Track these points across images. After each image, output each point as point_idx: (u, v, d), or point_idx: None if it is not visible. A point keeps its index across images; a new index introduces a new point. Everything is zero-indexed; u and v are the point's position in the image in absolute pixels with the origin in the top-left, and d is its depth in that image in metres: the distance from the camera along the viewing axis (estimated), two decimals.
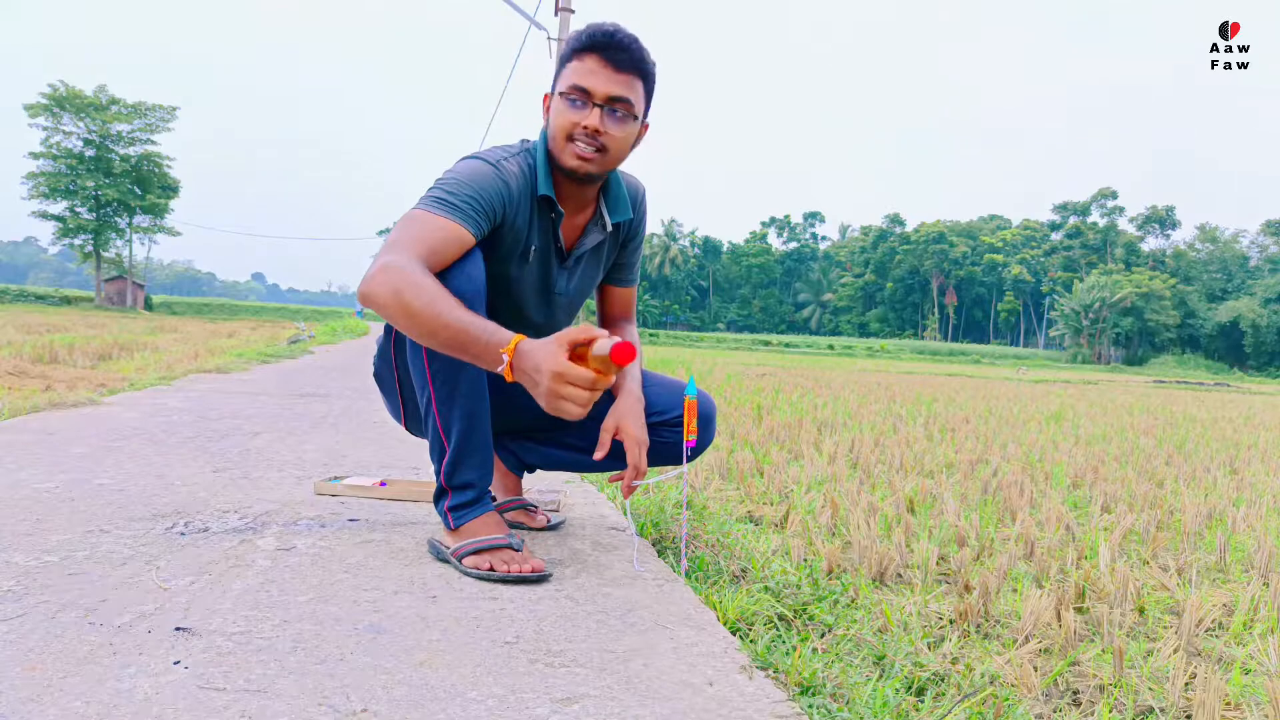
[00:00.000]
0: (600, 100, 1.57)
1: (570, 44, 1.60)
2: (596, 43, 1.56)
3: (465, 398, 1.58)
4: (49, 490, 2.07)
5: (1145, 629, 1.80)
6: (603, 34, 1.56)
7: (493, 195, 1.55)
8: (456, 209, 1.49)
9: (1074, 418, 7.27)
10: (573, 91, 1.57)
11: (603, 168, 1.62)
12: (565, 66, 1.60)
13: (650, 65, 1.63)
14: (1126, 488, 3.43)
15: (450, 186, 1.52)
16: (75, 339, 9.54)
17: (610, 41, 1.56)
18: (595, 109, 1.57)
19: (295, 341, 12.39)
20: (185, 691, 1.04)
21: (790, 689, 1.21)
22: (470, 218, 1.50)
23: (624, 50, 1.57)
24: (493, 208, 1.55)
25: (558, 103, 1.61)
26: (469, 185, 1.53)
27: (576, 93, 1.57)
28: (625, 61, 1.57)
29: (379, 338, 1.80)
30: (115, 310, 39.72)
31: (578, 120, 1.58)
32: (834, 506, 2.61)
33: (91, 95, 44.49)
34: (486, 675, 1.15)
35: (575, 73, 1.58)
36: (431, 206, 1.49)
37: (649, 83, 1.64)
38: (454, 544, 1.63)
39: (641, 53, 1.60)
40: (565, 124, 1.59)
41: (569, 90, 1.58)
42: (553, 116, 1.62)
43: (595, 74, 1.56)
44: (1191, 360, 55.08)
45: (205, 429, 3.31)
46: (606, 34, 1.56)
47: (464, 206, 1.50)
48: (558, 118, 1.60)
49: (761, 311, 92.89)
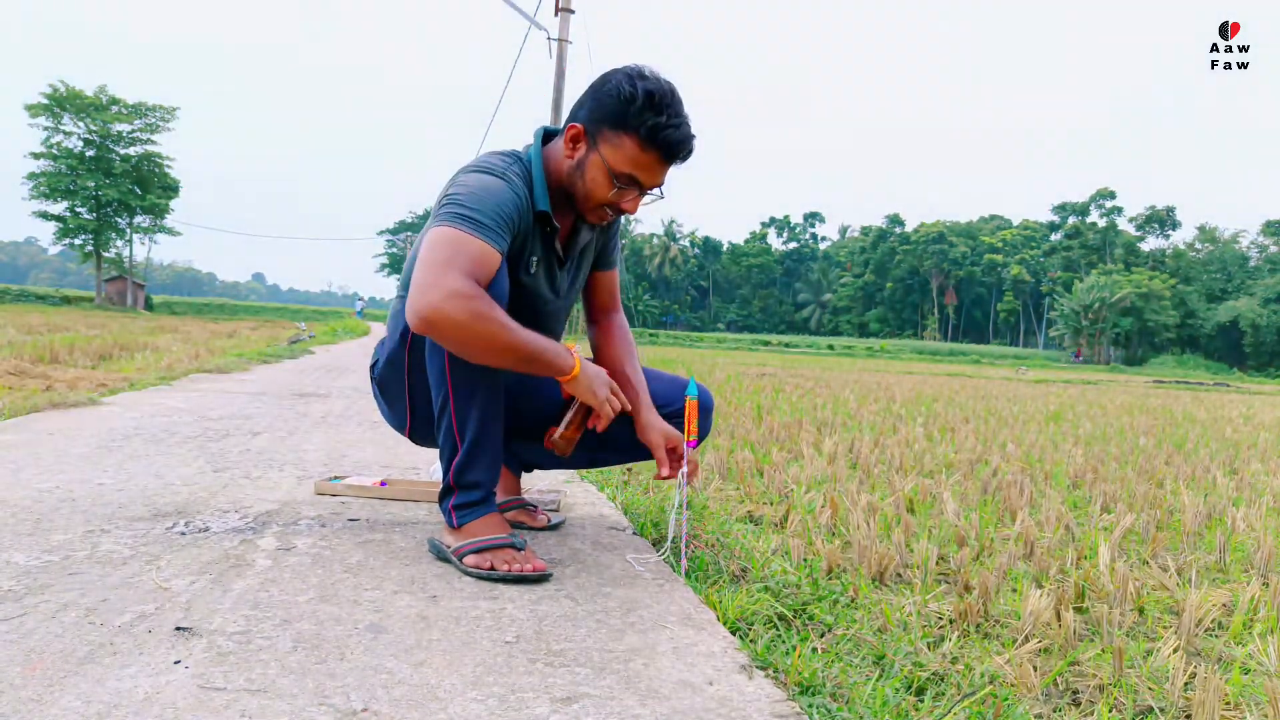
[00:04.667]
0: (646, 189, 1.62)
1: (637, 119, 1.54)
2: (669, 149, 1.56)
3: (482, 399, 1.59)
4: (49, 490, 2.07)
5: (1145, 629, 1.80)
6: (678, 142, 1.56)
7: (511, 210, 1.56)
8: (487, 229, 1.49)
9: (1074, 418, 7.27)
10: (625, 179, 1.59)
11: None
12: (622, 137, 1.56)
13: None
14: (1126, 488, 3.43)
15: (473, 204, 1.51)
16: (76, 339, 9.54)
17: (680, 151, 1.58)
18: (639, 195, 1.62)
19: (295, 341, 12.39)
20: (185, 691, 1.04)
21: (790, 689, 1.21)
22: (499, 236, 1.52)
23: (686, 156, 1.60)
24: (512, 222, 1.56)
25: (601, 174, 1.59)
26: (491, 202, 1.52)
27: (628, 181, 1.59)
28: (680, 161, 1.61)
29: (384, 345, 1.75)
30: (116, 310, 39.71)
31: (619, 201, 1.62)
32: (834, 506, 2.61)
33: (91, 95, 44.47)
34: (486, 675, 1.15)
35: (634, 162, 1.57)
36: (463, 226, 1.48)
37: None
38: (455, 543, 1.63)
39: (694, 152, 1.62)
40: (605, 198, 1.62)
41: (623, 177, 1.59)
42: (590, 180, 1.61)
43: (652, 171, 1.59)
44: (1191, 360, 55.03)
45: (205, 429, 3.32)
46: (680, 143, 1.57)
47: (492, 225, 1.50)
48: (598, 189, 1.61)
49: (761, 311, 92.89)
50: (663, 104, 1.54)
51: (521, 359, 1.50)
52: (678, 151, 1.58)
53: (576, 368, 1.58)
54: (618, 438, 1.79)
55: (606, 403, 1.63)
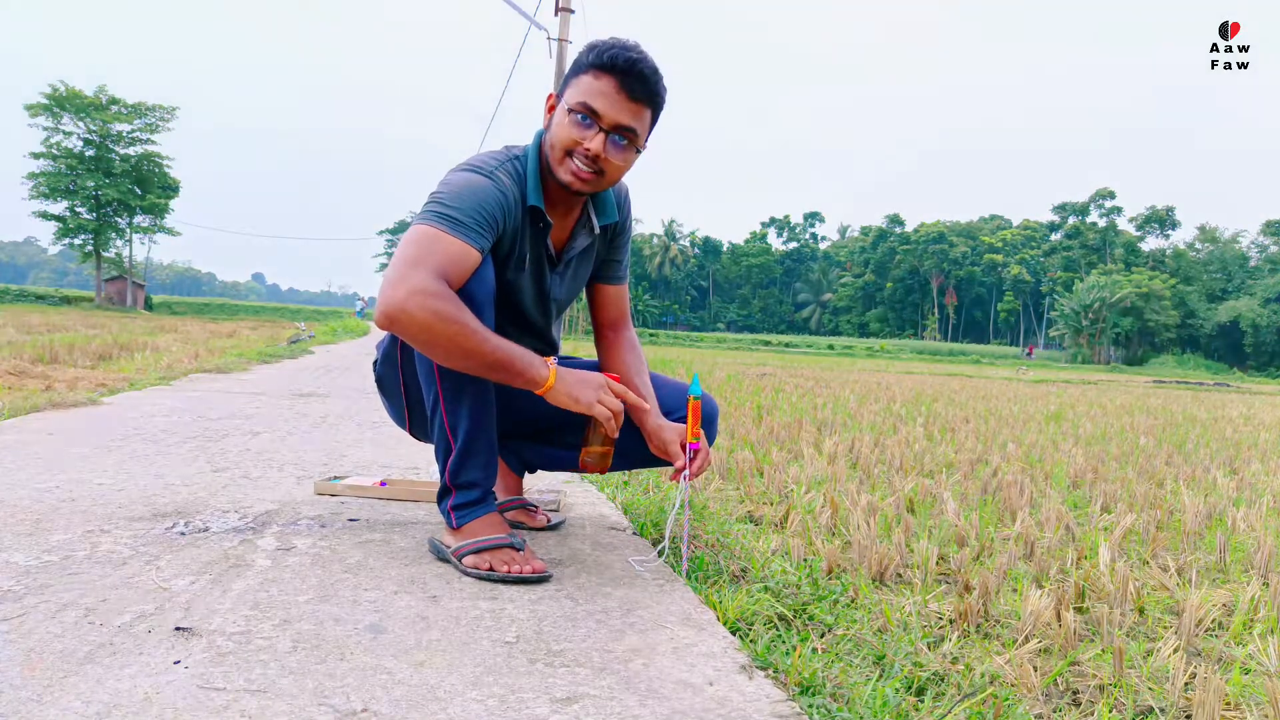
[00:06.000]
0: (608, 125, 1.55)
1: (590, 56, 1.55)
2: (618, 66, 1.53)
3: (472, 398, 1.58)
4: (49, 490, 2.07)
5: (1145, 629, 1.80)
6: (625, 59, 1.52)
7: (494, 208, 1.54)
8: (464, 226, 1.48)
9: (1074, 418, 7.27)
10: (582, 109, 1.55)
11: (595, 189, 1.63)
12: (579, 77, 1.56)
13: (664, 96, 1.61)
14: (1126, 488, 3.43)
15: (453, 202, 1.50)
16: (75, 339, 9.54)
17: (631, 69, 1.53)
18: (601, 134, 1.56)
19: (295, 341, 12.39)
20: (185, 691, 1.04)
21: (790, 689, 1.21)
22: (478, 234, 1.50)
23: (643, 81, 1.55)
24: (494, 220, 1.54)
25: (564, 115, 1.58)
26: (472, 201, 1.51)
27: (585, 110, 1.55)
28: (641, 92, 1.55)
29: (380, 341, 1.78)
30: (115, 310, 39.71)
31: (580, 140, 1.56)
32: (834, 506, 2.61)
33: (91, 95, 44.46)
34: (486, 675, 1.15)
35: (588, 91, 1.54)
36: (440, 224, 1.47)
37: (657, 112, 1.63)
38: (455, 543, 1.63)
39: (658, 84, 1.58)
40: (567, 139, 1.57)
41: (578, 106, 1.55)
42: (555, 126, 1.60)
43: (608, 98, 1.54)
44: (1191, 360, 54.99)
45: (205, 429, 3.31)
46: (630, 60, 1.53)
47: (470, 223, 1.49)
48: (561, 130, 1.58)
49: (761, 311, 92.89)
50: (614, 40, 1.54)
51: (488, 365, 1.46)
52: (627, 68, 1.52)
53: (551, 379, 1.51)
54: (626, 446, 1.78)
55: (598, 405, 1.56)
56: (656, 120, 1.66)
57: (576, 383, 1.55)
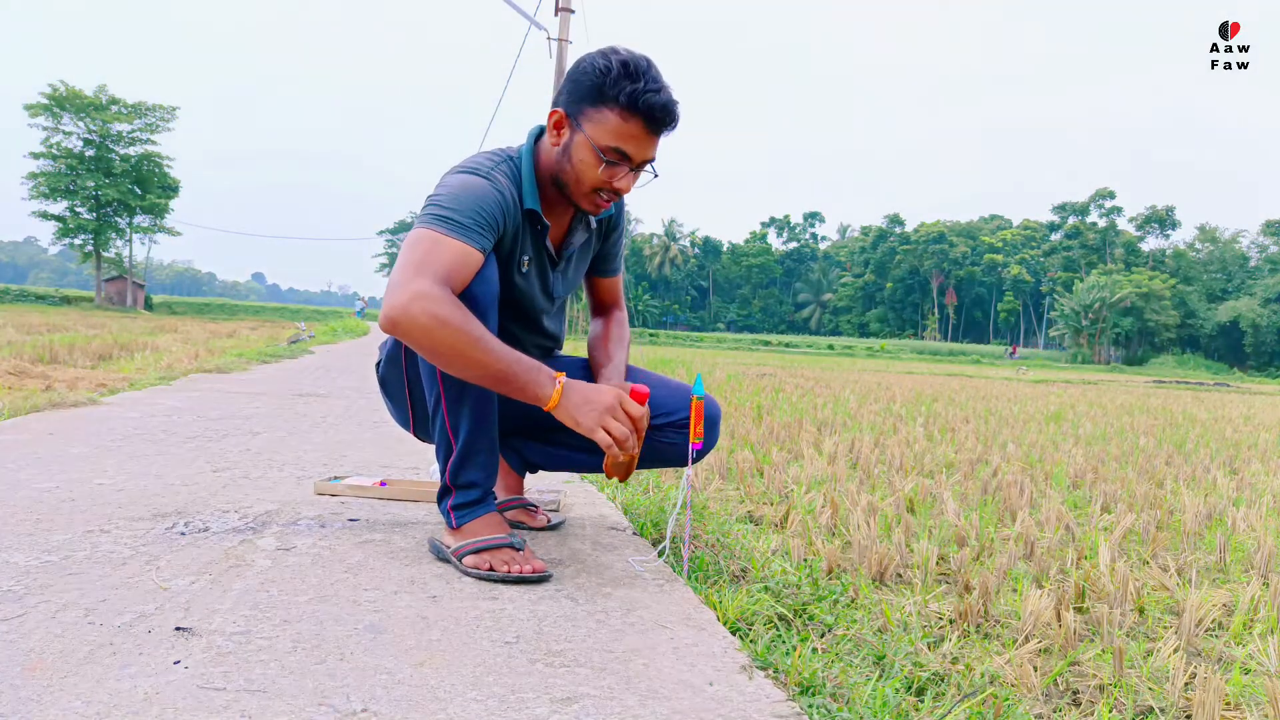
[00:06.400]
0: (636, 164, 1.57)
1: (615, 91, 1.50)
2: (651, 114, 1.51)
3: (474, 398, 1.59)
4: (49, 490, 2.07)
5: (1145, 629, 1.80)
6: (660, 106, 1.51)
7: (494, 209, 1.54)
8: (465, 228, 1.48)
9: (1074, 418, 7.27)
10: (611, 154, 1.54)
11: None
12: (602, 111, 1.52)
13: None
14: (1126, 488, 3.43)
15: (452, 204, 1.50)
16: (75, 339, 9.54)
17: (663, 116, 1.52)
18: (632, 174, 1.57)
19: (295, 341, 12.39)
20: (185, 691, 1.04)
21: (790, 689, 1.21)
22: (479, 235, 1.49)
23: (670, 121, 1.55)
24: (495, 221, 1.54)
25: (589, 154, 1.55)
26: (472, 202, 1.51)
27: (616, 156, 1.55)
28: (667, 129, 1.56)
29: (384, 343, 1.78)
30: (115, 310, 39.71)
31: (609, 180, 1.57)
32: (834, 506, 2.61)
33: (91, 95, 44.47)
34: (486, 675, 1.15)
35: (618, 134, 1.53)
36: (440, 227, 1.47)
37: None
38: (455, 543, 1.63)
39: (678, 114, 1.57)
40: (596, 180, 1.57)
41: (609, 152, 1.54)
42: (579, 163, 1.57)
43: (639, 141, 1.54)
44: (1191, 360, 54.98)
45: (205, 429, 3.31)
46: (663, 106, 1.51)
47: (471, 224, 1.49)
48: (587, 170, 1.56)
49: (761, 311, 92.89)
50: (639, 71, 1.51)
51: (491, 377, 1.43)
52: (661, 115, 1.52)
53: (555, 397, 1.45)
54: None
55: (600, 431, 1.46)
56: None
57: (581, 403, 1.47)
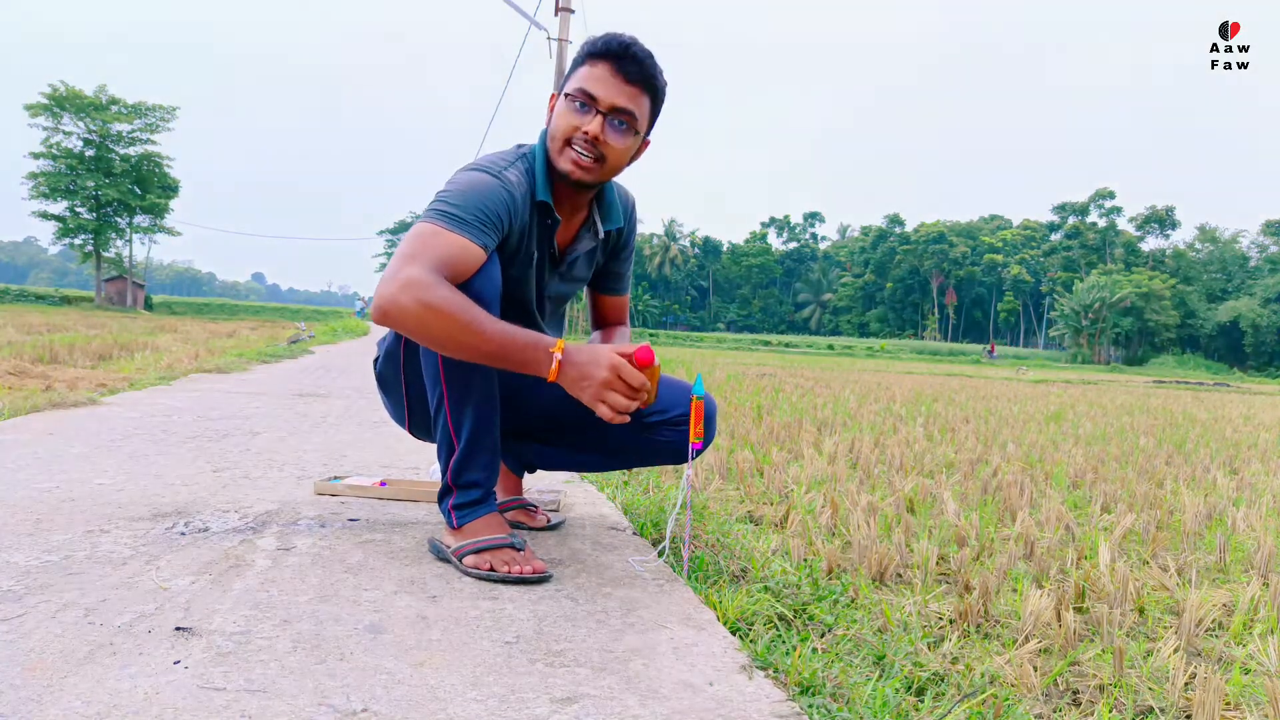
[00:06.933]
0: (604, 108, 1.57)
1: (585, 48, 1.60)
2: (611, 51, 1.56)
3: (477, 398, 1.58)
4: (49, 490, 2.07)
5: (1145, 629, 1.80)
6: (618, 44, 1.56)
7: (499, 206, 1.54)
8: (467, 224, 1.48)
9: (1074, 418, 7.27)
10: (579, 95, 1.57)
11: (598, 178, 1.62)
12: (576, 70, 1.60)
13: (661, 82, 1.63)
14: (1126, 488, 3.43)
15: (456, 200, 1.50)
16: (75, 339, 9.54)
17: (624, 52, 1.56)
18: (598, 116, 1.57)
19: (295, 341, 12.39)
20: (185, 691, 1.04)
21: (790, 689, 1.21)
22: (480, 231, 1.49)
23: (636, 63, 1.57)
24: (500, 219, 1.54)
25: (562, 104, 1.61)
26: (476, 199, 1.51)
27: (582, 96, 1.57)
28: (635, 74, 1.57)
29: (383, 340, 1.78)
30: (115, 310, 39.72)
31: (579, 125, 1.57)
32: (834, 506, 2.61)
33: (91, 95, 44.48)
34: (486, 675, 1.15)
35: (584, 77, 1.58)
36: (441, 221, 1.47)
37: (656, 100, 1.64)
38: (455, 543, 1.63)
39: (653, 68, 1.60)
40: (566, 127, 1.58)
41: (575, 93, 1.58)
42: (555, 117, 1.62)
43: (604, 81, 1.56)
44: (1191, 360, 54.96)
45: (205, 429, 3.31)
46: (622, 44, 1.56)
47: (472, 220, 1.49)
48: (560, 119, 1.60)
49: (761, 311, 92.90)
50: (608, 33, 1.58)
51: (487, 356, 1.43)
52: (618, 50, 1.56)
53: (556, 368, 1.43)
54: (625, 444, 1.79)
55: (600, 405, 1.43)
56: (658, 111, 1.67)
57: (578, 378, 1.44)
